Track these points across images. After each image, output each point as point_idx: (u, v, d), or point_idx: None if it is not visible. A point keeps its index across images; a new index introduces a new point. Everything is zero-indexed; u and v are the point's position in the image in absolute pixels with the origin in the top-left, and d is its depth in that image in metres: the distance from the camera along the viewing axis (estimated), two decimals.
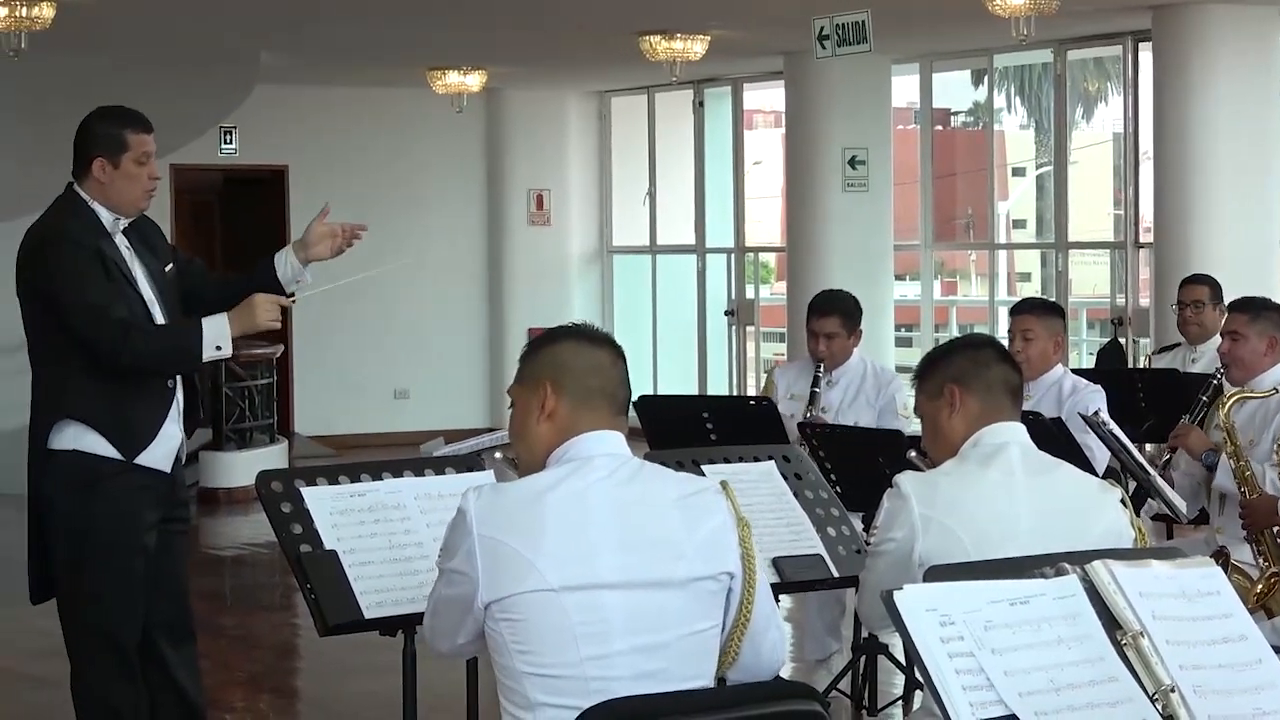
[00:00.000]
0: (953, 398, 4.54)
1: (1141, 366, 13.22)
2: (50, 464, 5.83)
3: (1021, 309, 7.96)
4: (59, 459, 5.82)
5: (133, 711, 5.91)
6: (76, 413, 5.81)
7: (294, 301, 6.12)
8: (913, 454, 5.09)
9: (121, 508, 5.83)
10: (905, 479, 4.45)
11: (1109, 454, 7.20)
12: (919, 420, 4.73)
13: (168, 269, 6.05)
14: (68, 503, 5.82)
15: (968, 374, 4.55)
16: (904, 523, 4.37)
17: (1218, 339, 7.54)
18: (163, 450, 5.95)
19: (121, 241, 5.92)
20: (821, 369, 8.36)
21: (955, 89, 21.92)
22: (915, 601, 3.18)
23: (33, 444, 5.90)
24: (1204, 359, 9.46)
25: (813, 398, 8.31)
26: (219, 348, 5.84)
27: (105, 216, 5.89)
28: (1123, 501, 4.49)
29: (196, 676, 6.14)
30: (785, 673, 4.08)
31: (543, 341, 3.97)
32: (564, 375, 3.87)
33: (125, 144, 5.89)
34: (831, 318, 8.41)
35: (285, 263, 6.15)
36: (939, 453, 4.60)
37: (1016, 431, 4.52)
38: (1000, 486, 4.40)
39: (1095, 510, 4.43)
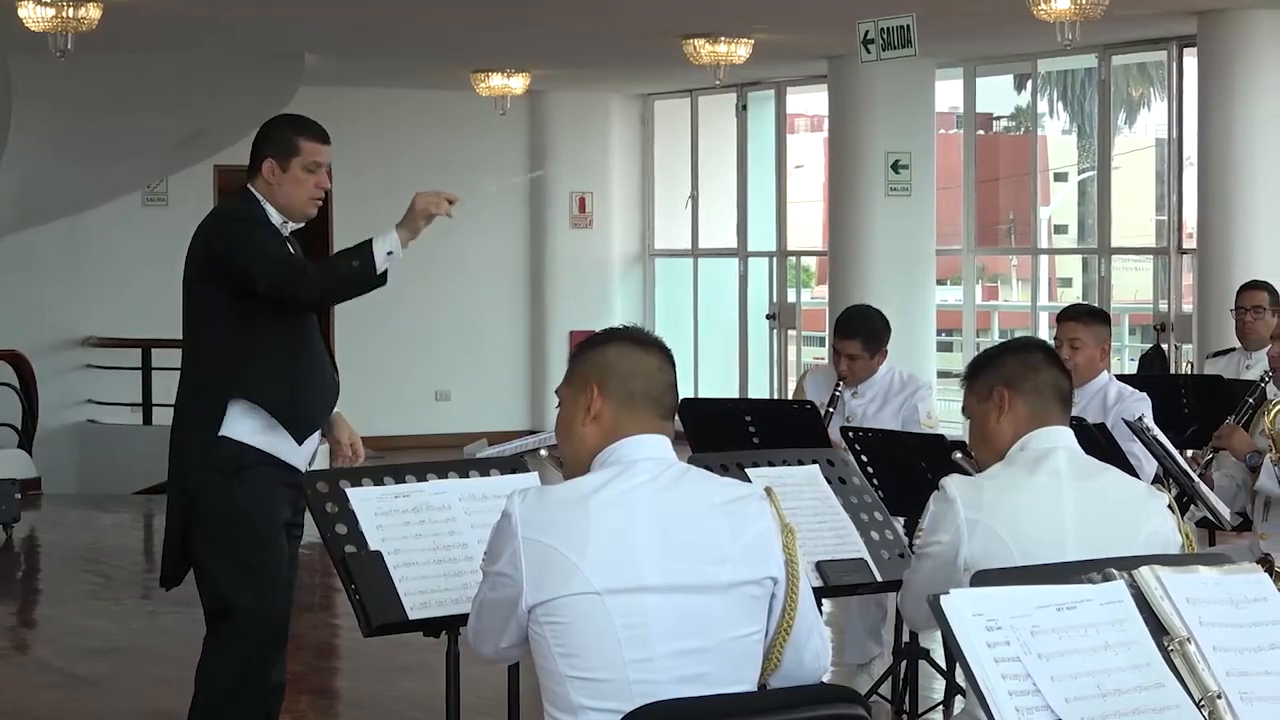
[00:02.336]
0: (1001, 401, 4.53)
1: (1185, 372, 13.17)
2: (202, 450, 5.89)
3: (1068, 316, 7.91)
4: (212, 445, 5.87)
5: (248, 702, 5.95)
6: (250, 393, 5.87)
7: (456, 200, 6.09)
8: (958, 455, 5.07)
9: (266, 494, 5.91)
10: (951, 482, 4.43)
11: (1156, 463, 7.17)
12: (958, 424, 4.72)
13: None
14: (218, 487, 5.87)
15: (1017, 377, 4.53)
16: (949, 526, 4.36)
17: None
18: (306, 450, 6.03)
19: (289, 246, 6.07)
20: (840, 385, 8.35)
21: (998, 93, 21.87)
22: (962, 606, 3.17)
23: (183, 430, 5.99)
24: (1259, 365, 9.39)
25: (828, 416, 8.25)
26: (390, 253, 5.89)
27: (275, 217, 6.03)
28: (1170, 506, 4.47)
29: (282, 677, 6.19)
30: (825, 676, 4.06)
31: (593, 343, 3.97)
32: (610, 378, 3.86)
33: (296, 149, 6.05)
34: (854, 341, 8.34)
35: None
36: (985, 456, 4.59)
37: (1064, 436, 4.51)
38: (1047, 490, 4.39)
39: (1142, 515, 4.42)
